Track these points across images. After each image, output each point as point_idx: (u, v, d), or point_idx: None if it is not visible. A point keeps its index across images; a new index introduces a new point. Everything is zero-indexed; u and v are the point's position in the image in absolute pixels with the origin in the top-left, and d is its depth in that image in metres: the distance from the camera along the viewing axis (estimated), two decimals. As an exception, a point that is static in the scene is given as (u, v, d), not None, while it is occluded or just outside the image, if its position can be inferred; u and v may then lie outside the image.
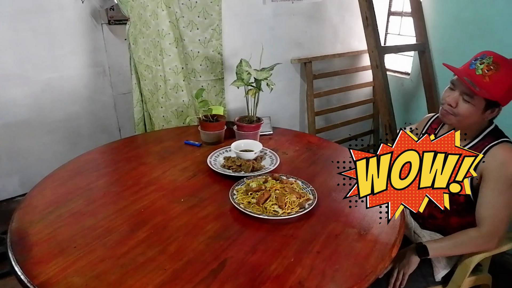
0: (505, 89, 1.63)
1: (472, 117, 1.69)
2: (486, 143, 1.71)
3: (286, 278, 1.25)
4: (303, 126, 3.63)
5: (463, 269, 1.76)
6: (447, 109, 1.72)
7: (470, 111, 1.67)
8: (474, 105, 1.66)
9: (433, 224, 1.94)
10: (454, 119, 1.72)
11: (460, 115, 1.69)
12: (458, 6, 3.09)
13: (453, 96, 1.71)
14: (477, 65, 1.67)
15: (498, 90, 1.63)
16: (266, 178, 1.80)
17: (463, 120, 1.70)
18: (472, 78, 1.64)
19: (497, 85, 1.62)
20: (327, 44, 3.56)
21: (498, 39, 2.83)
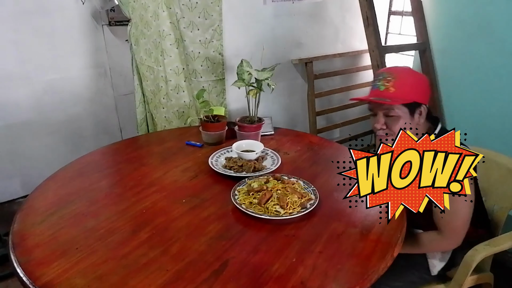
0: (411, 88, 1.72)
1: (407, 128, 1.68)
2: None
3: (288, 278, 1.25)
4: (304, 126, 3.63)
5: (465, 268, 1.76)
6: (383, 134, 1.77)
7: (401, 123, 1.71)
8: (400, 116, 1.71)
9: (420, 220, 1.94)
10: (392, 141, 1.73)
11: (396, 131, 1.69)
12: (459, 6, 3.08)
13: (379, 120, 1.76)
14: (377, 84, 1.74)
15: (407, 92, 1.70)
16: (267, 179, 1.80)
17: None
18: (380, 95, 1.71)
19: (403, 88, 1.70)
20: (328, 44, 3.56)
21: (498, 39, 2.83)
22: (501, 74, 2.86)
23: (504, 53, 2.82)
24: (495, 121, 2.91)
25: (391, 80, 1.72)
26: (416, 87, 1.74)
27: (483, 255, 1.74)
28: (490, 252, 1.76)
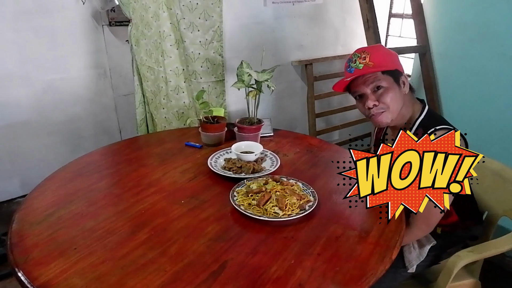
0: (388, 58, 1.76)
1: (397, 99, 1.75)
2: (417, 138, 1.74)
3: (287, 280, 1.25)
4: (303, 128, 3.63)
5: (447, 274, 1.76)
6: (376, 112, 1.77)
7: (391, 95, 1.74)
8: (388, 87, 1.74)
9: None
10: (389, 114, 1.77)
11: (389, 103, 1.75)
12: (459, 9, 3.09)
13: (369, 98, 1.77)
14: (354, 65, 1.75)
15: (385, 61, 1.73)
16: (266, 180, 1.80)
17: (394, 108, 1.75)
18: (361, 73, 1.72)
19: (380, 59, 1.72)
20: (328, 46, 3.57)
21: (499, 43, 2.83)
22: (501, 78, 2.86)
23: (504, 57, 2.82)
24: (495, 124, 2.91)
25: (366, 56, 1.73)
26: (391, 57, 1.77)
27: (465, 261, 1.74)
28: (473, 258, 1.76)
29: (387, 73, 1.74)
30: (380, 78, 1.74)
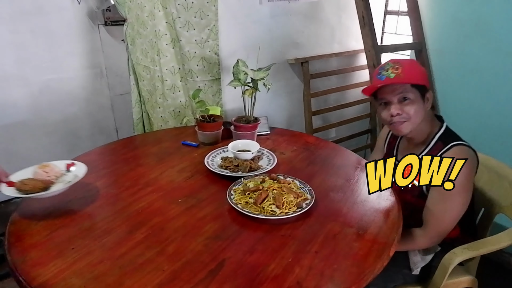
0: (419, 74, 1.78)
1: (419, 112, 1.79)
2: (436, 151, 1.78)
3: (285, 278, 1.25)
4: (300, 126, 3.63)
5: (442, 271, 1.77)
6: (398, 120, 1.80)
7: (415, 108, 1.77)
8: (413, 100, 1.77)
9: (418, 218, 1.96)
10: (409, 125, 1.80)
11: (411, 115, 1.78)
12: (455, 5, 3.09)
13: (394, 106, 1.80)
14: (386, 73, 1.79)
15: (416, 76, 1.76)
16: (263, 178, 1.80)
17: (416, 120, 1.79)
18: (392, 81, 1.75)
19: (411, 73, 1.75)
20: (324, 44, 3.57)
21: (495, 38, 2.84)
22: (498, 74, 2.86)
23: (500, 52, 2.83)
24: (492, 121, 2.92)
25: (399, 67, 1.76)
26: (421, 73, 1.80)
27: (461, 258, 1.74)
28: (469, 255, 1.77)
29: (416, 87, 1.77)
30: (408, 90, 1.76)
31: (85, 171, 1.73)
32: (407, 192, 1.87)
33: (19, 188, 1.59)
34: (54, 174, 1.73)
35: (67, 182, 1.68)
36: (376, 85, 1.80)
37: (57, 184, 1.67)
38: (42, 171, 1.70)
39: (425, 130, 1.85)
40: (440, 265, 1.78)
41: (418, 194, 1.85)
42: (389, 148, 2.09)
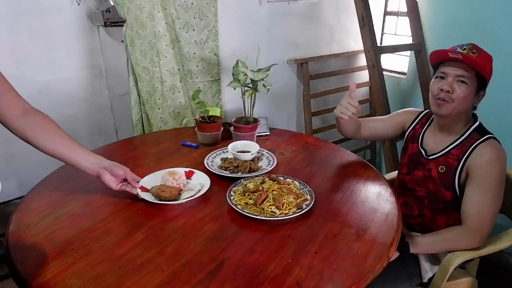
0: (489, 68, 1.78)
1: (466, 100, 1.76)
2: (472, 140, 1.77)
3: (284, 279, 1.25)
4: (300, 127, 3.64)
5: (443, 272, 1.77)
6: (443, 97, 1.77)
7: (466, 93, 1.75)
8: (469, 85, 1.74)
9: (421, 222, 1.97)
10: (450, 107, 1.77)
11: (458, 98, 1.74)
12: (454, 6, 3.09)
13: (448, 82, 1.76)
14: (460, 50, 1.75)
15: (486, 68, 1.75)
16: (263, 179, 1.80)
17: (459, 105, 1.76)
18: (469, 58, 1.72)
19: (484, 63, 1.74)
20: (323, 45, 3.56)
21: (494, 39, 2.84)
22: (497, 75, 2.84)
23: (499, 53, 2.82)
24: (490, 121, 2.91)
25: (476, 52, 1.75)
26: (490, 70, 1.80)
27: (461, 259, 1.75)
28: (469, 256, 1.77)
29: (478, 77, 1.76)
30: (470, 76, 1.74)
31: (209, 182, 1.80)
32: (430, 180, 1.89)
33: (157, 195, 1.67)
34: (182, 181, 1.79)
35: (191, 190, 1.76)
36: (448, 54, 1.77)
37: (185, 192, 1.74)
38: (172, 179, 1.77)
39: (461, 122, 1.84)
40: (440, 267, 1.79)
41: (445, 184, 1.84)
42: (413, 134, 2.05)
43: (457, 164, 1.79)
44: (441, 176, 1.84)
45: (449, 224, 1.88)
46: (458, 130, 1.85)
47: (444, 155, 1.85)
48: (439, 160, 1.86)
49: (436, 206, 1.89)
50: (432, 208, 1.91)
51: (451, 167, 1.81)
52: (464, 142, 1.80)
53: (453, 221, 1.87)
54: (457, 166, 1.79)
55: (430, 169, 1.89)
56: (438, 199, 1.87)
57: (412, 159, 2.00)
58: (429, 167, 1.90)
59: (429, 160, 1.91)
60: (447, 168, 1.82)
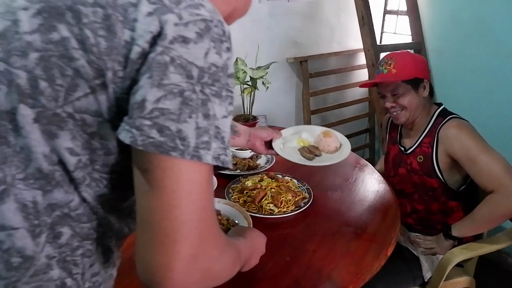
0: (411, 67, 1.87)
1: (414, 101, 1.88)
2: (438, 125, 1.85)
3: (282, 277, 1.25)
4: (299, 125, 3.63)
5: (440, 271, 1.76)
6: (394, 111, 1.91)
7: (408, 98, 1.87)
8: (405, 92, 1.87)
9: (417, 218, 1.97)
10: (405, 115, 1.90)
11: (405, 105, 1.87)
12: (455, 5, 3.09)
13: (388, 100, 1.92)
14: (380, 69, 1.91)
15: (407, 70, 1.85)
16: (261, 177, 1.80)
17: (411, 108, 1.88)
18: (384, 77, 1.89)
19: (403, 68, 1.86)
20: (323, 43, 3.56)
21: (494, 39, 2.84)
22: (497, 75, 2.86)
23: (500, 53, 2.82)
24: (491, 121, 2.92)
25: (391, 63, 1.86)
26: (414, 66, 1.88)
27: (459, 259, 1.74)
28: (467, 256, 1.77)
29: (406, 81, 1.85)
30: (399, 85, 1.86)
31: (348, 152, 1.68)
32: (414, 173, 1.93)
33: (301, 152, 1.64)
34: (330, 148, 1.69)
35: None
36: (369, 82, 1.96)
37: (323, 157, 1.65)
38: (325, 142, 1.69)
39: (423, 115, 1.92)
40: (438, 266, 1.78)
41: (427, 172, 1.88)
42: (391, 136, 2.15)
43: (431, 150, 1.85)
44: (421, 165, 1.89)
45: (446, 209, 1.91)
46: (423, 121, 1.93)
47: (419, 145, 1.92)
48: (416, 151, 1.93)
49: (426, 196, 1.91)
50: (423, 200, 1.93)
51: (427, 155, 1.87)
52: (432, 128, 1.89)
53: (449, 207, 1.91)
54: (432, 152, 1.85)
55: (411, 163, 1.94)
56: (426, 188, 1.90)
57: (395, 160, 2.06)
58: (409, 161, 1.95)
59: (408, 155, 1.97)
60: (424, 157, 1.88)
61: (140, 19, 0.65)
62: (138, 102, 0.63)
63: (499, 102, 2.88)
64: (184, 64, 0.64)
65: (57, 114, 0.66)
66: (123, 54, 0.65)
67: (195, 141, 0.64)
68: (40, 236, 0.69)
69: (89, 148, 0.69)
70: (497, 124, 2.87)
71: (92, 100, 0.66)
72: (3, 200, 0.67)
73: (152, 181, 0.64)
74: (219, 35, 0.69)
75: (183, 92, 0.63)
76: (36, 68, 0.65)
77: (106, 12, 0.65)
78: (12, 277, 0.68)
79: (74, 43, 0.65)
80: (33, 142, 0.66)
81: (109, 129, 0.68)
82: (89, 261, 0.76)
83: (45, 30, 0.65)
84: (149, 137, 0.62)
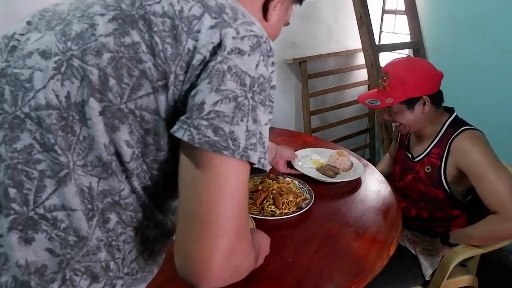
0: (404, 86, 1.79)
1: (411, 119, 1.84)
2: (448, 136, 1.80)
3: (284, 278, 1.25)
4: (299, 126, 3.63)
5: (443, 270, 1.77)
6: (396, 125, 1.93)
7: (403, 116, 1.84)
8: (398, 110, 1.83)
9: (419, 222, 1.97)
10: (405, 128, 1.87)
11: (403, 122, 1.85)
12: (452, 4, 3.09)
13: (386, 113, 1.92)
14: (379, 82, 1.89)
15: (399, 90, 1.79)
16: (262, 179, 1.80)
17: (410, 124, 1.85)
18: (380, 93, 1.85)
19: (396, 87, 1.80)
20: (321, 44, 3.56)
21: (492, 37, 2.84)
22: (495, 73, 2.86)
23: (497, 51, 2.83)
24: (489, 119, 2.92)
25: (386, 79, 1.81)
26: (409, 84, 1.79)
27: (461, 257, 1.75)
28: (469, 254, 1.77)
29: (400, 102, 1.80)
30: (394, 106, 1.83)
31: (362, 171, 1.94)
32: (420, 182, 1.91)
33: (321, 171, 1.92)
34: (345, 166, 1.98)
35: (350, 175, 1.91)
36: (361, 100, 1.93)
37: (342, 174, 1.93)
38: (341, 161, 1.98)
39: (431, 125, 1.88)
40: (440, 264, 1.79)
41: (434, 184, 1.85)
42: (401, 140, 2.12)
43: (440, 162, 1.82)
44: (428, 176, 1.87)
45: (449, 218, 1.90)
46: (432, 131, 1.88)
47: (427, 155, 1.88)
48: (423, 161, 1.89)
49: (431, 206, 1.90)
50: (427, 209, 1.92)
51: (435, 166, 1.83)
52: (442, 139, 1.83)
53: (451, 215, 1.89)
54: (440, 164, 1.82)
55: (418, 171, 1.92)
56: (431, 198, 1.88)
57: (402, 165, 2.03)
58: (417, 169, 1.93)
59: (416, 163, 1.94)
60: (432, 167, 1.85)
61: (203, 31, 0.73)
62: (197, 104, 0.70)
63: (497, 99, 2.88)
64: (239, 73, 0.72)
65: (120, 109, 0.73)
66: (186, 60, 0.73)
67: (245, 143, 0.71)
68: (92, 220, 0.75)
69: (143, 142, 0.75)
70: (494, 121, 2.88)
71: (153, 99, 0.74)
72: (65, 183, 0.73)
73: (202, 176, 0.70)
74: (267, 50, 0.78)
75: (237, 97, 0.71)
76: (107, 67, 0.73)
77: (174, 23, 0.74)
78: (67, 255, 0.74)
79: (143, 48, 0.73)
80: (97, 133, 0.73)
81: (164, 127, 0.75)
82: (129, 247, 0.81)
83: (119, 34, 0.74)
84: (205, 136, 0.68)
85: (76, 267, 0.75)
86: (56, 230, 0.73)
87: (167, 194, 0.84)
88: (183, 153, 0.73)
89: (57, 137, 0.73)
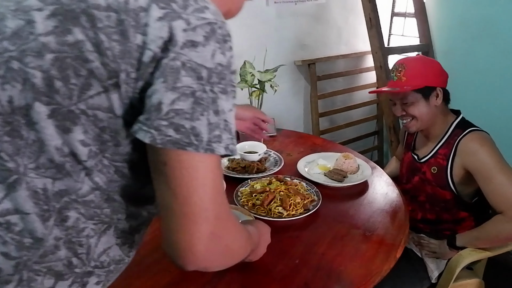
0: (421, 75, 1.82)
1: (424, 111, 1.82)
2: (455, 137, 1.80)
3: (292, 280, 1.25)
4: (307, 128, 3.63)
5: (449, 273, 1.76)
6: (405, 120, 1.88)
7: (418, 108, 1.82)
8: (414, 101, 1.81)
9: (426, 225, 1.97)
10: (416, 124, 1.86)
11: (415, 115, 1.83)
12: (462, 7, 3.08)
13: (397, 108, 1.87)
14: (392, 75, 1.89)
15: (417, 79, 1.80)
16: (270, 180, 1.80)
17: (422, 118, 1.83)
18: (394, 85, 1.85)
19: (413, 76, 1.80)
20: (331, 46, 3.56)
21: (502, 40, 2.83)
22: (505, 76, 2.85)
23: (508, 54, 2.82)
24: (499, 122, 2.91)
25: (402, 70, 1.82)
26: (426, 73, 1.83)
27: (468, 260, 1.74)
28: (476, 257, 1.76)
29: (416, 90, 1.80)
30: (408, 94, 1.81)
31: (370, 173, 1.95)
32: (427, 183, 1.91)
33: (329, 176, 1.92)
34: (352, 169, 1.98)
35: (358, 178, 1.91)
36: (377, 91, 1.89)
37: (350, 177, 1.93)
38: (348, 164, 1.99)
39: (439, 124, 1.88)
40: (447, 267, 1.78)
41: (441, 184, 1.85)
42: (407, 142, 2.12)
43: (447, 163, 1.82)
44: (435, 177, 1.86)
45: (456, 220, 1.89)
46: (439, 131, 1.88)
47: (433, 156, 1.88)
48: (430, 161, 1.89)
49: (438, 207, 1.89)
50: (434, 211, 1.91)
51: (442, 167, 1.83)
52: (449, 140, 1.83)
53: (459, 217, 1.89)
54: (447, 165, 1.82)
55: (425, 172, 1.91)
56: (438, 199, 1.88)
57: (409, 167, 2.03)
58: (423, 170, 1.92)
59: (422, 164, 1.93)
60: (438, 168, 1.85)
61: (151, 23, 0.69)
62: (154, 105, 0.68)
63: (507, 102, 2.87)
64: (194, 66, 0.70)
65: (71, 110, 0.70)
66: (136, 57, 0.69)
67: (208, 136, 0.70)
68: (49, 220, 0.74)
69: (100, 140, 0.73)
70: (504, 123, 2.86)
71: (105, 98, 0.70)
72: (15, 188, 0.71)
73: (171, 173, 0.70)
74: (223, 35, 0.76)
75: (195, 92, 0.69)
76: (51, 68, 0.68)
77: (120, 17, 0.69)
78: (23, 257, 0.73)
79: (89, 46, 0.68)
80: (47, 136, 0.70)
81: (121, 124, 0.73)
82: (94, 241, 0.80)
83: (60, 32, 0.69)
84: (167, 136, 0.68)
85: (36, 268, 0.74)
86: (10, 234, 0.72)
87: (139, 183, 0.81)
88: (150, 152, 0.73)
89: (2, 144, 0.70)
